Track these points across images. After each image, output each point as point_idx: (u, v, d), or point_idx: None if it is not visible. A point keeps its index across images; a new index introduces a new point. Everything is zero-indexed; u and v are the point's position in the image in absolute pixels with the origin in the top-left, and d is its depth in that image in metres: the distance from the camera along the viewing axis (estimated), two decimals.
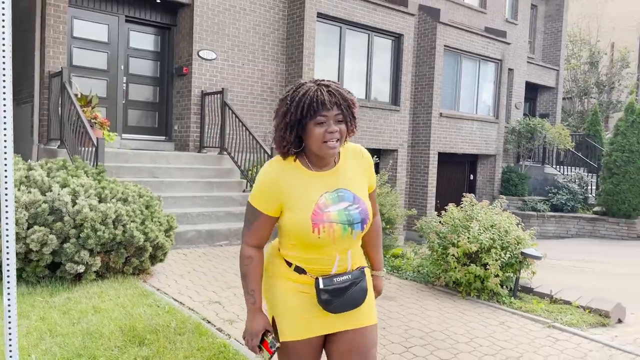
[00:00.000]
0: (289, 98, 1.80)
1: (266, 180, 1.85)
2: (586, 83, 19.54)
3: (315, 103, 1.74)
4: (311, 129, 1.77)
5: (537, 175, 14.97)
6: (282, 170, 1.85)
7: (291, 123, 1.78)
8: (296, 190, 1.82)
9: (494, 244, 4.93)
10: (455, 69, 13.41)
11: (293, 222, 1.81)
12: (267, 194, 1.84)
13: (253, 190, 1.89)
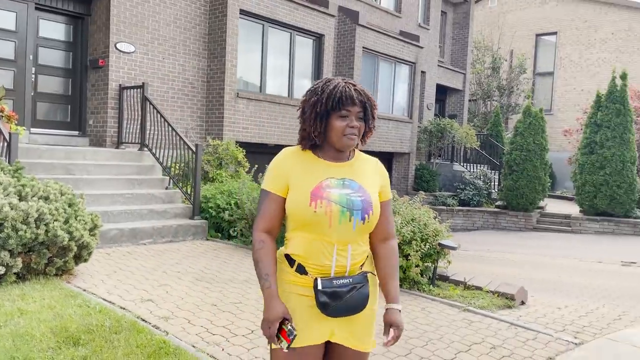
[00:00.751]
0: (319, 90, 1.90)
1: (277, 162, 1.93)
2: (489, 86, 21.03)
3: (344, 97, 1.85)
4: (334, 122, 1.87)
5: (446, 172, 15.95)
6: (294, 155, 1.94)
7: (321, 113, 1.87)
8: (303, 172, 1.89)
9: (414, 236, 5.30)
10: (373, 70, 13.95)
11: (294, 198, 1.85)
12: (276, 173, 1.90)
13: (264, 177, 1.96)
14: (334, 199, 1.84)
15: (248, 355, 3.47)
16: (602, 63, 21.11)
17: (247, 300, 4.62)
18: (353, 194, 1.88)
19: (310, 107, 1.90)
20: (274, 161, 1.96)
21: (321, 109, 1.86)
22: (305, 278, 1.87)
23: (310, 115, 1.89)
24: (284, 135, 11.40)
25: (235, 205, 7.54)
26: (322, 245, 1.85)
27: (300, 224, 1.86)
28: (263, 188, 1.92)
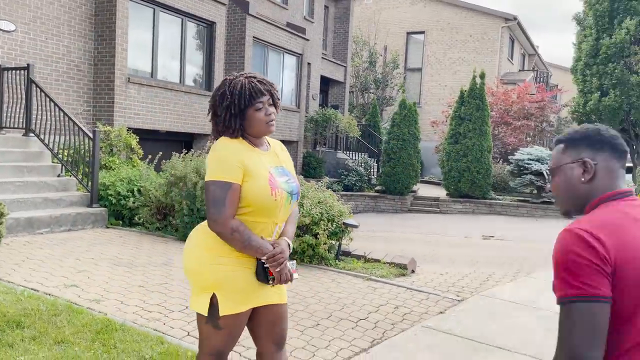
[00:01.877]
0: (227, 92, 2.05)
1: (229, 152, 2.03)
2: (366, 80, 22.44)
3: (254, 92, 2.05)
4: (252, 115, 2.05)
5: (331, 159, 16.89)
6: (237, 144, 2.07)
7: (235, 112, 2.04)
8: (252, 161, 2.06)
9: (322, 217, 5.87)
10: (263, 60, 14.30)
11: (256, 187, 2.01)
12: (232, 163, 2.01)
13: (215, 168, 2.01)
14: (282, 186, 2.10)
15: (189, 327, 3.76)
16: (462, 62, 23.61)
17: (172, 281, 4.83)
18: (289, 180, 2.17)
19: (225, 110, 2.06)
20: (224, 151, 2.04)
21: (236, 109, 2.04)
22: (246, 255, 2.05)
23: (226, 117, 2.06)
24: (176, 121, 11.35)
25: (138, 192, 7.51)
26: (266, 225, 2.09)
27: (256, 209, 2.04)
28: (221, 179, 1.98)
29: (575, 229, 1.36)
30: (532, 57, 29.31)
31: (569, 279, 1.31)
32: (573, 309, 1.30)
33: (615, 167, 1.48)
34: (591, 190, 1.48)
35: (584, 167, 1.48)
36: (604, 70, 16.98)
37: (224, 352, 2.17)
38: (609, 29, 17.05)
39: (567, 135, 1.56)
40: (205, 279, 2.06)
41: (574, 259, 1.31)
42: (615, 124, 17.35)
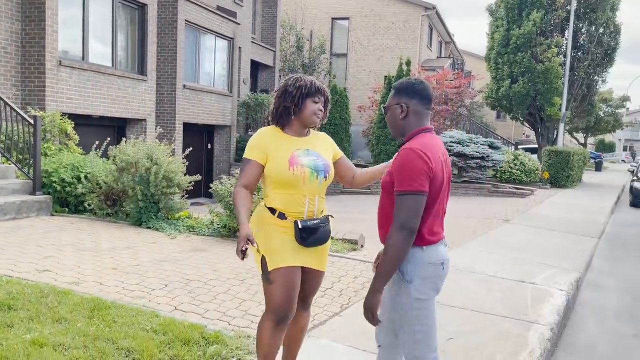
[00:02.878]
0: (300, 80, 2.58)
1: (259, 137, 2.58)
2: (294, 64, 22.73)
3: (315, 88, 2.58)
4: (308, 103, 2.55)
5: None
6: (271, 132, 2.60)
7: (303, 95, 2.54)
8: (278, 146, 2.54)
9: None
10: (195, 43, 14.19)
11: (276, 164, 2.49)
12: (258, 146, 2.53)
13: (245, 150, 2.58)
14: (305, 163, 2.52)
15: (174, 302, 4.02)
16: (386, 48, 24.55)
17: (143, 263, 5.00)
18: (316, 159, 2.58)
19: (297, 89, 2.55)
20: (255, 137, 2.59)
21: (304, 91, 2.54)
22: (285, 222, 2.51)
23: (296, 94, 2.54)
24: (110, 106, 11.11)
25: (85, 179, 7.43)
26: (297, 198, 2.51)
27: (280, 184, 2.50)
28: (245, 157, 2.55)
29: (414, 148, 2.07)
30: (449, 44, 30.97)
31: (410, 180, 2.04)
32: (412, 198, 2.04)
33: (421, 110, 2.23)
34: (406, 125, 2.21)
35: (401, 108, 2.21)
36: (514, 59, 18.48)
37: (284, 309, 2.52)
38: (518, 20, 18.54)
39: (396, 85, 2.27)
40: (258, 243, 2.50)
41: (414, 167, 2.04)
42: (523, 108, 19.00)
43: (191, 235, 6.51)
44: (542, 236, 8.38)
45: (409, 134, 2.21)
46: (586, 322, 4.71)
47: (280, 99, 2.61)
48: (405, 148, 2.11)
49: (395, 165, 2.11)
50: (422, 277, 2.16)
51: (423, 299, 2.17)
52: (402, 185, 2.05)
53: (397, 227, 2.06)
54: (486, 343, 3.71)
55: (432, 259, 2.18)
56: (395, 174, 2.10)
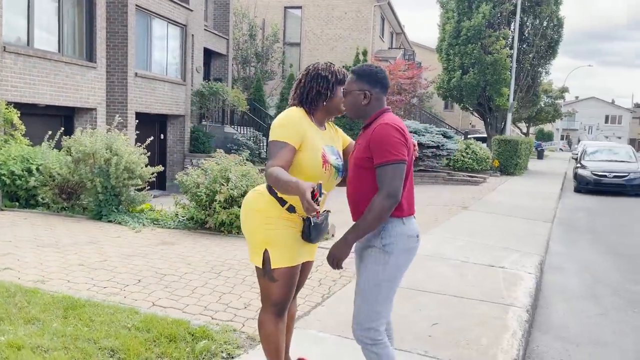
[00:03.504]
0: (331, 68, 2.47)
1: (295, 119, 2.33)
2: (247, 53, 22.36)
3: (343, 75, 2.47)
4: (339, 91, 2.44)
5: (219, 134, 16.76)
6: (304, 117, 2.39)
7: (335, 83, 2.44)
8: (312, 134, 2.37)
9: (248, 189, 6.09)
10: (146, 30, 13.65)
11: (311, 158, 2.32)
12: (295, 129, 2.30)
13: (277, 131, 2.30)
14: (332, 162, 2.43)
15: (151, 297, 3.85)
16: (339, 38, 24.55)
17: (110, 258, 4.77)
18: (338, 159, 2.50)
19: (331, 74, 2.45)
20: (290, 118, 2.34)
21: (338, 77, 2.46)
22: (293, 216, 2.36)
23: (331, 79, 2.43)
24: (58, 94, 10.53)
25: (37, 172, 7.00)
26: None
27: (306, 176, 2.28)
28: (280, 140, 2.26)
29: (389, 123, 2.21)
30: (399, 35, 31.36)
31: (392, 150, 2.16)
32: (395, 167, 2.15)
33: (382, 97, 2.35)
34: (368, 109, 2.32)
35: (364, 95, 2.31)
36: (465, 51, 18.94)
37: (284, 302, 2.45)
38: (468, 12, 18.98)
39: (358, 70, 2.35)
40: (258, 237, 2.38)
41: (393, 139, 2.17)
42: (473, 98, 19.54)
43: (156, 228, 6.27)
44: (500, 222, 8.66)
45: (373, 115, 2.33)
46: (555, 303, 4.89)
47: (312, 82, 2.46)
48: (381, 124, 2.22)
49: (373, 140, 2.20)
50: (403, 249, 2.30)
51: (401, 271, 2.32)
52: (385, 156, 2.16)
53: (383, 196, 2.16)
54: (470, 327, 3.77)
55: (411, 231, 2.32)
56: (374, 147, 2.19)
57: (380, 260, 2.29)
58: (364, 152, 2.25)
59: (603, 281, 5.71)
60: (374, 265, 2.29)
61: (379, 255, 2.28)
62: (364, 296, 2.33)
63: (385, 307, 2.35)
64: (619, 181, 14.05)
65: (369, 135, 2.25)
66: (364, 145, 2.27)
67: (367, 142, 2.24)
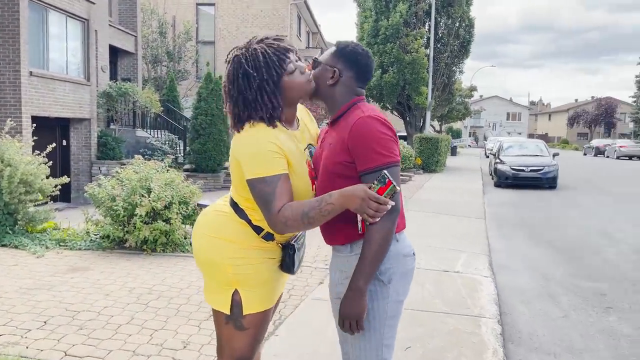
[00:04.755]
0: (251, 70, 1.70)
1: (270, 140, 1.68)
2: (157, 51, 21.01)
3: (279, 53, 1.73)
4: (289, 82, 1.74)
5: (130, 138, 15.46)
6: (274, 130, 1.73)
7: (272, 89, 1.72)
8: (292, 150, 1.75)
9: (173, 200, 5.32)
10: (42, 23, 12.19)
11: (299, 183, 1.75)
12: (277, 154, 1.68)
13: (255, 164, 1.66)
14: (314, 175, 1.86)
15: (61, 345, 3.04)
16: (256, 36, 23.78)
17: (6, 294, 3.85)
18: None
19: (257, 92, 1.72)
20: (263, 142, 1.68)
21: (270, 86, 1.71)
22: (270, 244, 1.83)
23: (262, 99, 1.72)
24: None
25: None
26: None
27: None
28: (268, 175, 1.65)
29: (373, 116, 1.71)
30: (316, 35, 31.16)
31: (384, 151, 1.67)
32: (390, 172, 1.63)
33: (353, 87, 1.83)
34: (329, 93, 1.82)
35: (333, 74, 1.81)
36: (384, 50, 19.01)
37: (249, 357, 1.85)
38: (385, 12, 19.07)
39: (341, 46, 1.86)
40: (227, 273, 1.79)
41: (381, 136, 1.68)
42: (394, 97, 19.68)
43: (64, 250, 5.32)
44: (437, 220, 8.49)
45: (344, 105, 1.82)
46: (516, 308, 4.63)
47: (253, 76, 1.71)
48: (361, 117, 1.71)
49: (354, 138, 1.69)
50: (401, 273, 1.81)
51: (401, 300, 1.83)
52: (374, 159, 1.67)
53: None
54: (446, 347, 3.35)
55: (406, 249, 1.85)
56: (357, 148, 1.68)
57: (377, 294, 1.75)
58: (339, 155, 1.73)
59: (552, 279, 5.59)
60: (369, 303, 1.74)
61: (374, 289, 1.75)
62: (363, 347, 1.78)
63: (391, 351, 1.83)
64: (535, 175, 14.63)
65: (344, 132, 1.72)
66: (338, 145, 1.74)
67: (343, 141, 1.72)
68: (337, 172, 1.74)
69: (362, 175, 1.69)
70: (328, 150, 1.78)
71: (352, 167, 1.71)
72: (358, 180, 1.70)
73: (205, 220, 1.90)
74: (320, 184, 1.80)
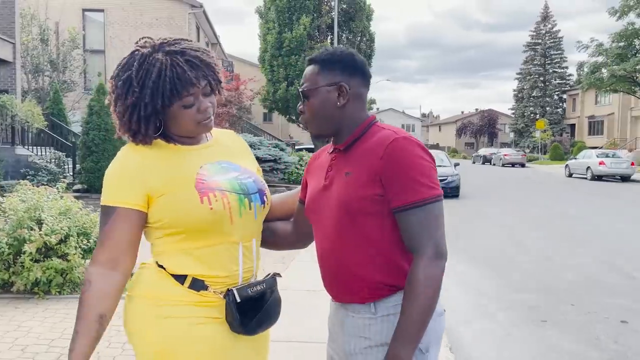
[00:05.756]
0: (135, 81, 1.37)
1: (124, 164, 1.42)
2: (39, 59, 19.07)
3: (179, 83, 1.37)
4: (179, 113, 1.41)
5: (9, 157, 13.68)
6: (147, 151, 1.43)
7: (147, 114, 1.38)
8: (168, 167, 1.41)
9: (71, 232, 4.51)
10: None
11: (173, 201, 1.38)
12: (126, 179, 1.39)
13: (106, 188, 1.41)
14: (225, 186, 1.44)
15: None
16: None
17: None
18: (240, 175, 1.51)
19: (129, 109, 1.40)
20: (117, 166, 1.44)
21: (147, 110, 1.39)
22: (206, 297, 1.41)
23: (131, 117, 1.41)
24: None
25: None
26: (224, 250, 1.43)
27: (189, 230, 1.40)
28: (105, 204, 1.40)
29: (410, 138, 1.39)
30: (215, 46, 30.21)
31: (425, 181, 1.35)
32: (435, 207, 1.35)
33: (364, 94, 1.51)
34: (346, 114, 1.46)
35: (339, 90, 1.45)
36: (289, 62, 18.81)
37: None
38: (289, 24, 18.91)
39: (322, 56, 1.49)
40: (149, 343, 1.38)
41: (424, 163, 1.37)
42: None
43: None
44: None
45: (360, 125, 1.48)
46: (457, 327, 4.43)
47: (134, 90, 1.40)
48: (397, 139, 1.38)
49: (391, 166, 1.35)
50: (437, 337, 1.48)
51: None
52: (417, 192, 1.34)
53: (430, 257, 1.33)
54: None
55: (439, 306, 1.46)
56: (396, 178, 1.35)
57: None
58: (367, 188, 1.37)
59: (483, 293, 5.55)
60: None
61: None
62: None
63: None
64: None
65: (372, 158, 1.38)
66: (363, 175, 1.38)
67: (371, 169, 1.37)
68: (359, 208, 1.39)
69: (397, 211, 1.35)
70: (345, 183, 1.42)
71: (382, 202, 1.37)
72: (385, 217, 1.37)
73: (134, 276, 1.50)
74: (334, 226, 1.43)
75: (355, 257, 1.42)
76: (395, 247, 1.39)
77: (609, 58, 25.55)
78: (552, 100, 52.19)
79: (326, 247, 1.48)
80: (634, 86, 25.42)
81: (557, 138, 45.72)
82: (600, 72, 26.41)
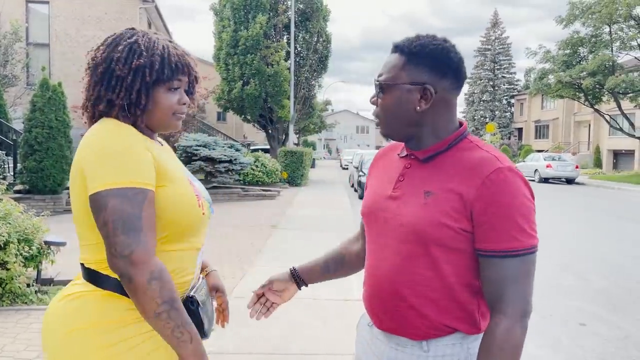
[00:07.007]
0: (144, 48, 1.29)
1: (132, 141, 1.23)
2: None
3: (180, 64, 1.33)
4: (163, 96, 1.31)
5: None
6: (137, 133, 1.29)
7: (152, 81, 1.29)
8: (164, 158, 1.31)
9: (10, 238, 4.14)
10: None
11: (180, 194, 1.27)
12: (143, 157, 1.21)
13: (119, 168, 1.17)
14: (201, 193, 1.39)
15: None
16: (99, 40, 21.30)
17: None
18: (201, 186, 1.47)
19: (135, 74, 1.29)
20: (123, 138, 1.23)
21: (152, 77, 1.29)
22: None
23: (134, 85, 1.29)
24: None
25: None
26: (190, 255, 1.34)
27: (176, 234, 1.28)
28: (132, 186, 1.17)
29: (516, 170, 1.18)
30: None
31: (526, 227, 1.14)
32: (532, 258, 1.15)
33: (453, 99, 1.27)
34: (423, 121, 1.24)
35: (423, 93, 1.22)
36: (244, 61, 18.45)
37: None
38: (245, 22, 18.54)
39: (411, 46, 1.23)
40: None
41: (528, 204, 1.16)
42: (256, 110, 19.19)
43: None
44: (317, 239, 8.14)
45: (449, 135, 1.24)
46: None
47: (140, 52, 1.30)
48: (501, 169, 1.15)
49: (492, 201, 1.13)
50: None
51: None
52: (516, 239, 1.13)
53: (517, 315, 1.13)
54: None
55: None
56: (494, 216, 1.13)
57: None
58: (453, 217, 1.16)
59: None
60: None
61: None
62: None
63: None
64: None
65: (468, 184, 1.16)
66: (451, 201, 1.17)
67: (462, 197, 1.16)
68: (440, 238, 1.16)
69: (485, 256, 1.15)
70: (424, 205, 1.19)
71: (467, 239, 1.16)
72: (465, 257, 1.17)
73: (52, 313, 1.27)
74: (399, 250, 1.22)
75: (418, 292, 1.21)
76: (467, 289, 1.20)
77: (556, 65, 26.54)
78: (501, 105, 53.92)
79: (382, 268, 1.26)
80: (578, 92, 26.50)
81: (505, 141, 47.25)
82: (547, 78, 27.40)
